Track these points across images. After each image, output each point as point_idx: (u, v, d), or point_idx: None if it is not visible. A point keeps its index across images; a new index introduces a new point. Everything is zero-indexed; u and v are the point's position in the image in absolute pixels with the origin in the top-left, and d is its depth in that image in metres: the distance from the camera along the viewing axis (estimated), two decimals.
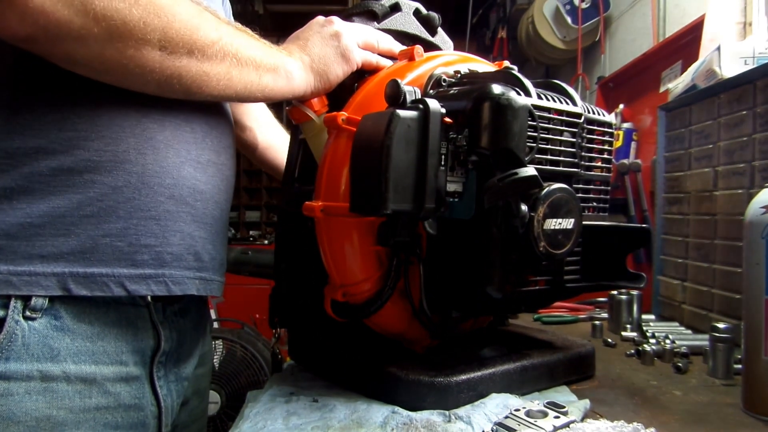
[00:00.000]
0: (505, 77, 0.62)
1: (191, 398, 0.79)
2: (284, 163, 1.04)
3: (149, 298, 0.65)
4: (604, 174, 0.71)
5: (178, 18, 0.56)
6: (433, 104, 0.56)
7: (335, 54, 0.70)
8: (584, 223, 0.64)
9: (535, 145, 0.59)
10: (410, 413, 0.60)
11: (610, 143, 0.71)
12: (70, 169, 0.59)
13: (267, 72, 0.64)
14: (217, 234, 0.73)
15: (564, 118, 0.63)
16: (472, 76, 0.69)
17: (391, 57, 0.75)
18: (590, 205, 0.70)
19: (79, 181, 0.59)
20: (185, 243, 0.66)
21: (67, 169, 0.59)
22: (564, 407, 0.58)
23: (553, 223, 0.59)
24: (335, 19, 0.72)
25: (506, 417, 0.56)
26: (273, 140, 1.06)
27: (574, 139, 0.65)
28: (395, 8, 0.80)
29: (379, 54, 0.74)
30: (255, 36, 0.66)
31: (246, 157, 1.08)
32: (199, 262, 0.69)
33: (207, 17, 0.59)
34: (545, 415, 0.56)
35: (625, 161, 1.86)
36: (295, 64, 0.67)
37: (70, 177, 0.59)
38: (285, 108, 0.75)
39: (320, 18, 0.73)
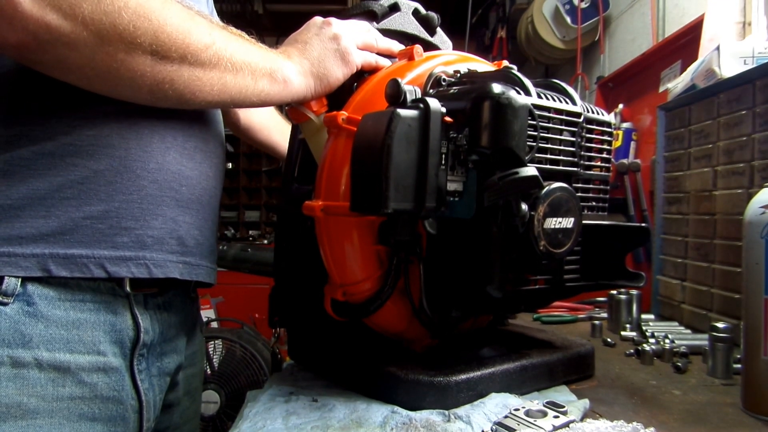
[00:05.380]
0: (504, 77, 0.62)
1: (182, 399, 0.78)
2: (278, 144, 1.06)
3: (128, 288, 0.64)
4: (603, 173, 0.71)
5: (169, 22, 0.55)
6: (434, 103, 0.56)
7: (335, 57, 0.69)
8: (584, 222, 0.64)
9: (535, 144, 0.59)
10: (410, 413, 0.60)
11: (610, 143, 0.72)
12: (51, 153, 0.59)
13: (263, 77, 0.63)
14: (205, 220, 0.72)
15: (564, 117, 0.63)
16: (472, 75, 0.69)
17: (391, 56, 0.75)
18: (590, 204, 0.70)
19: (60, 164, 0.59)
20: (167, 227, 0.66)
21: (48, 153, 0.59)
22: (563, 407, 0.58)
23: (553, 222, 0.59)
24: (333, 20, 0.72)
25: (506, 416, 0.56)
26: (266, 121, 1.05)
27: (573, 139, 0.65)
28: (394, 8, 0.80)
29: (378, 53, 0.74)
30: (251, 40, 0.65)
31: (244, 143, 1.09)
32: (183, 247, 0.68)
33: (199, 21, 0.59)
34: (545, 414, 0.56)
35: (625, 161, 1.86)
36: (293, 69, 0.66)
37: (51, 160, 0.59)
38: (285, 108, 0.75)
39: (318, 19, 0.72)
